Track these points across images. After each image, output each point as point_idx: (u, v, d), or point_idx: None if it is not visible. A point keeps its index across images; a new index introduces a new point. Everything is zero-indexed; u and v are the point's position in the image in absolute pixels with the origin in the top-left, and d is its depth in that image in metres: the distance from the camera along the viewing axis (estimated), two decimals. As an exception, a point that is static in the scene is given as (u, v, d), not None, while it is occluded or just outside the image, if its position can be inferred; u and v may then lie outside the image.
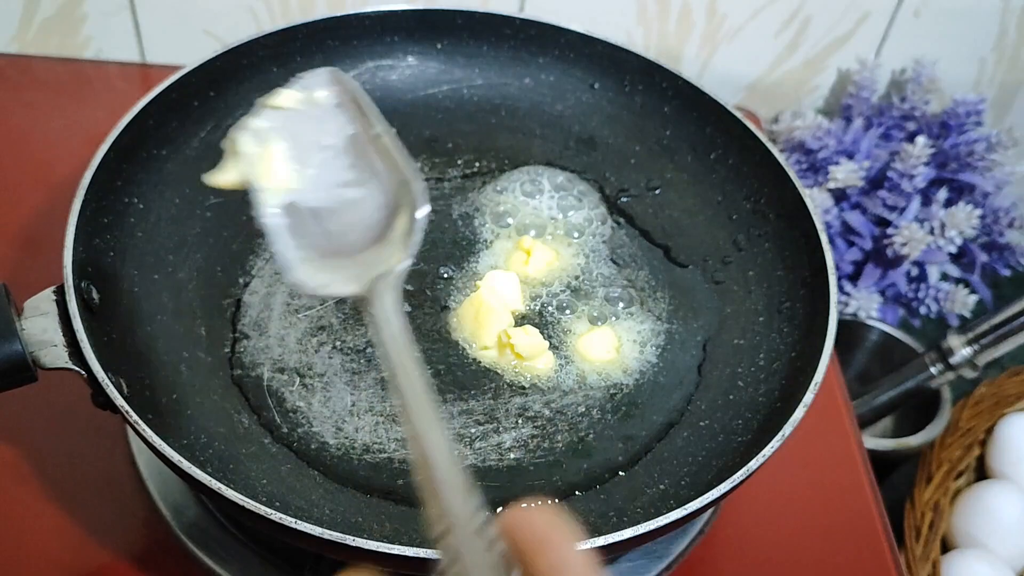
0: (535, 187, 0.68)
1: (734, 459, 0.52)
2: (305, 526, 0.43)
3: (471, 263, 0.63)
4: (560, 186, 0.68)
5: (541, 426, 0.55)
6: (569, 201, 0.67)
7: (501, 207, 0.66)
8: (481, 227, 0.65)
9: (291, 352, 0.57)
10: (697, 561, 0.60)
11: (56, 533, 0.57)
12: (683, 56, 0.93)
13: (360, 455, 0.53)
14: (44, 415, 0.62)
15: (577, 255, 0.64)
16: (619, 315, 0.61)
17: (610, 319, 0.61)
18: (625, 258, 0.65)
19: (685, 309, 0.62)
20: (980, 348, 0.80)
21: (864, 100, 0.93)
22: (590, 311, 0.61)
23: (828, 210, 0.89)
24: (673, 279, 0.64)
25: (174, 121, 0.63)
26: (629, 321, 0.61)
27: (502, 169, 0.69)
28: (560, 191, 0.68)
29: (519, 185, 0.68)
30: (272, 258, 0.61)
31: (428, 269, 0.62)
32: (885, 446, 0.83)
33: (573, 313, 0.61)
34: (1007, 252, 0.93)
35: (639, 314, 0.61)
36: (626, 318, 0.61)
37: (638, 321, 0.61)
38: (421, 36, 0.71)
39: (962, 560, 0.74)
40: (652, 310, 0.62)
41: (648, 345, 0.60)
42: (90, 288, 0.52)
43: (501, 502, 0.51)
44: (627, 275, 0.64)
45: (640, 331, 0.60)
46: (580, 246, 0.65)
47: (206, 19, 0.87)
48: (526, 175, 0.69)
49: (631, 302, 0.62)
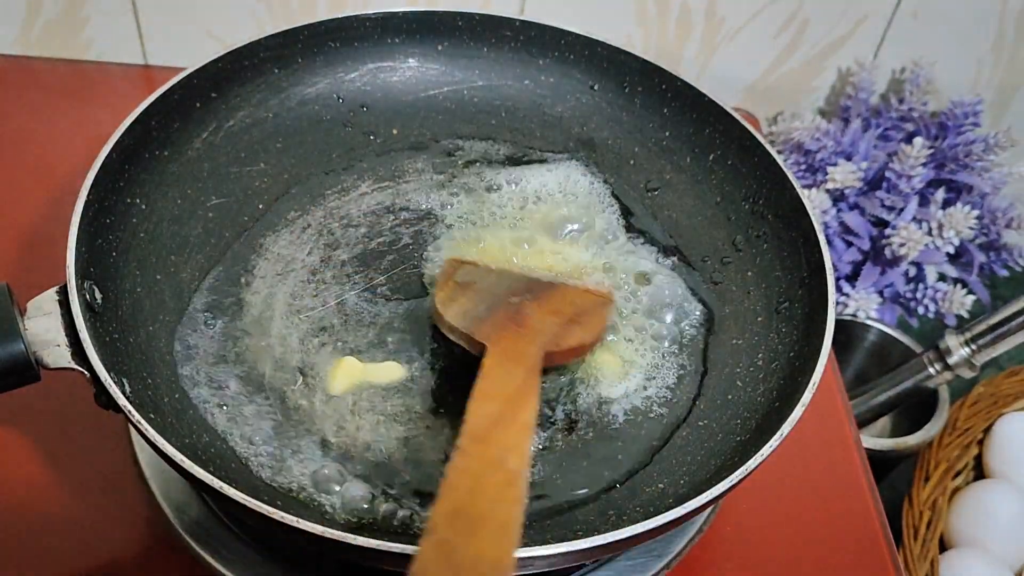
0: (535, 187, 0.68)
1: (733, 458, 0.52)
2: (307, 524, 0.44)
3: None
4: (560, 186, 0.68)
5: (540, 425, 0.56)
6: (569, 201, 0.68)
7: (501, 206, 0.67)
8: (479, 226, 0.65)
9: (293, 352, 0.57)
10: (696, 560, 0.61)
11: (59, 532, 0.58)
12: (682, 57, 0.93)
13: (362, 453, 0.53)
14: (47, 415, 0.62)
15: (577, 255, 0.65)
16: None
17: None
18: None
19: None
20: (978, 348, 0.80)
21: (862, 101, 0.93)
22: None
23: (826, 211, 0.89)
24: (672, 279, 0.64)
25: (176, 122, 0.63)
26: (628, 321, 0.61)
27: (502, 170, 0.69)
28: (560, 191, 0.68)
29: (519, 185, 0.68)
30: (274, 258, 0.62)
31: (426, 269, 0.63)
32: (883, 446, 0.84)
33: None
34: (1005, 252, 0.93)
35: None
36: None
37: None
38: (422, 38, 0.71)
39: (960, 559, 0.74)
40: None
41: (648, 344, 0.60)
42: (93, 288, 0.52)
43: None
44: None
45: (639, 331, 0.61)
46: (580, 246, 0.65)
47: (208, 21, 0.88)
48: (526, 175, 0.69)
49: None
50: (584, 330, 0.56)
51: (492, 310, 0.55)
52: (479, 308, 0.55)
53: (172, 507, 0.58)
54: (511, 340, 0.52)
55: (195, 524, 0.57)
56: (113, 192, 0.57)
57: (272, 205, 0.65)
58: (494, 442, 0.43)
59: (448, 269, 0.59)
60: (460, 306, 0.55)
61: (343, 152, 0.69)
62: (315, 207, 0.65)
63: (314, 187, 0.66)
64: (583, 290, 0.60)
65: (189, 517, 0.58)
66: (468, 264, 0.60)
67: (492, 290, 0.57)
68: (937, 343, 0.82)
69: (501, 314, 0.55)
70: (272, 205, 0.65)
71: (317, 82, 0.70)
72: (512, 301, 0.56)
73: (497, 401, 0.46)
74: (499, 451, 0.43)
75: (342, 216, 0.65)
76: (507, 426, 0.45)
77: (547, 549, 0.44)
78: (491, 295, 0.57)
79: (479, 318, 0.55)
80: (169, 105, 0.62)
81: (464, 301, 0.56)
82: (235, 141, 0.66)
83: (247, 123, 0.67)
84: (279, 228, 0.64)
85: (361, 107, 0.71)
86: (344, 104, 0.70)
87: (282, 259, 0.62)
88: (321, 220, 0.64)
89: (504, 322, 0.54)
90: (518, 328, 0.54)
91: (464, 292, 0.57)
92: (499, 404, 0.46)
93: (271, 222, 0.64)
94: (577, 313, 0.57)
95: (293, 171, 0.67)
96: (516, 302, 0.56)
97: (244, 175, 0.66)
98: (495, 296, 0.57)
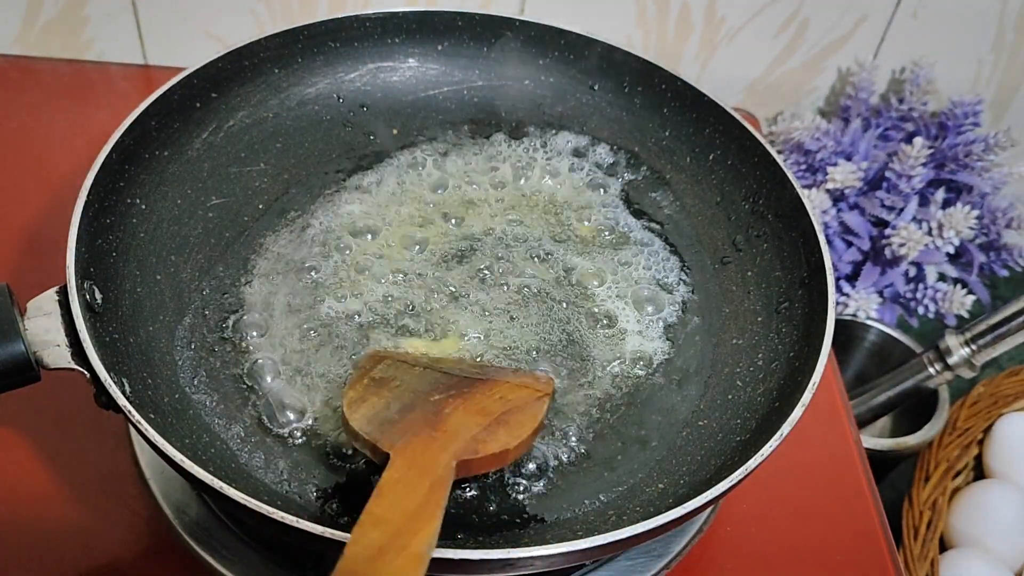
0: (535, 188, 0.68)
1: (732, 458, 0.52)
2: (307, 524, 0.44)
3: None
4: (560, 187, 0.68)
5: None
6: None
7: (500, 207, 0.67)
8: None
9: (293, 351, 0.57)
10: (696, 560, 0.61)
11: (59, 532, 0.58)
12: (682, 57, 0.94)
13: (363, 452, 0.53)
14: (47, 415, 0.62)
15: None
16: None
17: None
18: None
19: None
20: (978, 348, 0.80)
21: (862, 101, 0.93)
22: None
23: (826, 211, 0.89)
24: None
25: (176, 122, 0.63)
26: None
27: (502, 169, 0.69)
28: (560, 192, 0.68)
29: (519, 186, 0.68)
30: (274, 258, 0.62)
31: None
32: (883, 446, 0.84)
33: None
34: (1004, 252, 0.93)
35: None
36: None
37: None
38: (422, 38, 0.71)
39: (960, 559, 0.74)
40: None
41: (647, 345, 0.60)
42: (93, 289, 0.52)
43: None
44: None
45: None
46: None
47: (208, 21, 0.88)
48: (526, 176, 0.69)
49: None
50: (509, 433, 0.49)
51: (406, 411, 0.49)
52: (390, 410, 0.49)
53: (172, 507, 0.58)
54: (421, 447, 0.46)
55: (195, 524, 0.57)
56: (113, 192, 0.58)
57: (272, 205, 0.65)
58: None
59: (365, 364, 0.53)
60: (370, 408, 0.49)
61: (343, 152, 0.69)
62: (315, 207, 0.65)
63: (314, 187, 0.66)
64: (517, 384, 0.53)
65: (189, 517, 0.58)
66: (389, 358, 0.53)
67: (411, 387, 0.51)
68: (937, 343, 0.82)
69: (415, 415, 0.48)
70: (272, 205, 0.65)
71: (317, 82, 0.70)
72: (433, 399, 0.50)
73: (387, 527, 0.40)
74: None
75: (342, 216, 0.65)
76: (393, 558, 0.39)
77: (547, 549, 0.44)
78: (409, 393, 0.50)
79: (389, 421, 0.48)
80: (169, 105, 0.62)
81: (375, 401, 0.49)
82: (235, 141, 0.66)
83: (247, 123, 0.67)
84: (279, 228, 0.64)
85: (361, 107, 0.71)
86: (344, 104, 0.70)
87: (282, 259, 0.62)
88: (321, 220, 0.64)
89: (417, 425, 0.48)
90: (432, 432, 0.47)
91: (377, 391, 0.50)
92: (389, 530, 0.40)
93: (271, 222, 0.64)
94: (506, 412, 0.50)
95: (293, 171, 0.67)
96: (437, 400, 0.50)
97: (244, 175, 0.66)
98: (413, 394, 0.50)
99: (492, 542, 0.50)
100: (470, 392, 0.51)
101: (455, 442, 0.47)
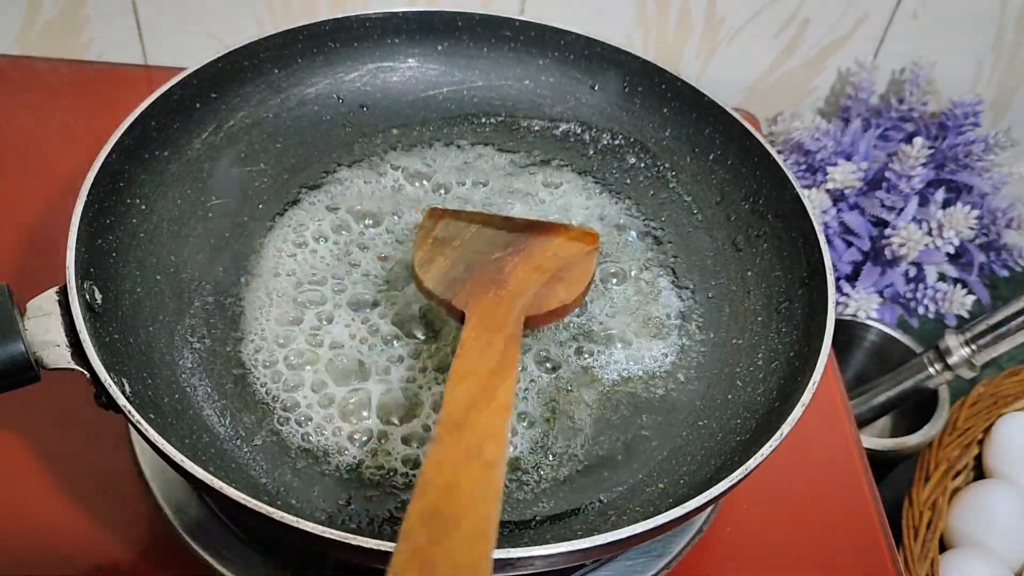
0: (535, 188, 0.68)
1: (732, 458, 0.52)
2: (307, 525, 0.44)
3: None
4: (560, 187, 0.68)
5: (540, 424, 0.56)
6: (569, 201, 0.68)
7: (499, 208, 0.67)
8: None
9: (293, 351, 0.57)
10: (695, 560, 0.61)
11: (59, 532, 0.58)
12: (682, 58, 0.94)
13: (363, 452, 0.53)
14: (47, 415, 0.62)
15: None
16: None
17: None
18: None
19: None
20: (978, 348, 0.80)
21: (862, 101, 0.93)
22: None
23: (826, 211, 0.89)
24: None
25: (176, 123, 0.63)
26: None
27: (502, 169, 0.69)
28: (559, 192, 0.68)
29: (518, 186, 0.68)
30: (273, 258, 0.62)
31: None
32: (883, 446, 0.84)
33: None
34: (1005, 252, 0.93)
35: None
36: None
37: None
38: (422, 38, 0.71)
39: (960, 559, 0.74)
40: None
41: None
42: (93, 289, 0.52)
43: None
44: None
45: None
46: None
47: (208, 21, 0.88)
48: (526, 175, 0.69)
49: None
50: (567, 288, 0.54)
51: (472, 270, 0.53)
52: (457, 269, 0.53)
53: (172, 507, 0.58)
54: (491, 306, 0.50)
55: (195, 524, 0.57)
56: (113, 193, 0.58)
57: (272, 205, 0.65)
58: (471, 428, 0.41)
59: (427, 224, 0.57)
60: (439, 268, 0.53)
61: (343, 152, 0.69)
62: (315, 207, 0.65)
63: (314, 187, 0.66)
64: (567, 237, 0.58)
65: (189, 517, 0.58)
66: (448, 216, 0.58)
67: (472, 246, 0.55)
68: (937, 343, 0.82)
69: (481, 274, 0.53)
70: (272, 205, 0.65)
71: (317, 82, 0.70)
72: (494, 258, 0.54)
73: (474, 380, 0.44)
74: (476, 438, 0.41)
75: (341, 216, 0.65)
76: (484, 408, 0.42)
77: (547, 549, 0.44)
78: (471, 252, 0.55)
79: (458, 280, 0.53)
80: (169, 105, 0.62)
81: (442, 261, 0.54)
82: (235, 141, 0.66)
83: (247, 123, 0.67)
84: (279, 228, 0.64)
85: (361, 107, 0.71)
86: (344, 104, 0.70)
87: (282, 259, 0.62)
88: (321, 220, 0.64)
89: (485, 284, 0.52)
90: (498, 291, 0.52)
91: (442, 251, 0.55)
92: (476, 383, 0.44)
93: (271, 222, 0.64)
94: (561, 268, 0.55)
95: (293, 171, 0.67)
96: (498, 258, 0.54)
97: (244, 175, 0.66)
98: (476, 253, 0.55)
99: (492, 542, 0.50)
100: (526, 250, 0.55)
101: (520, 299, 0.51)
